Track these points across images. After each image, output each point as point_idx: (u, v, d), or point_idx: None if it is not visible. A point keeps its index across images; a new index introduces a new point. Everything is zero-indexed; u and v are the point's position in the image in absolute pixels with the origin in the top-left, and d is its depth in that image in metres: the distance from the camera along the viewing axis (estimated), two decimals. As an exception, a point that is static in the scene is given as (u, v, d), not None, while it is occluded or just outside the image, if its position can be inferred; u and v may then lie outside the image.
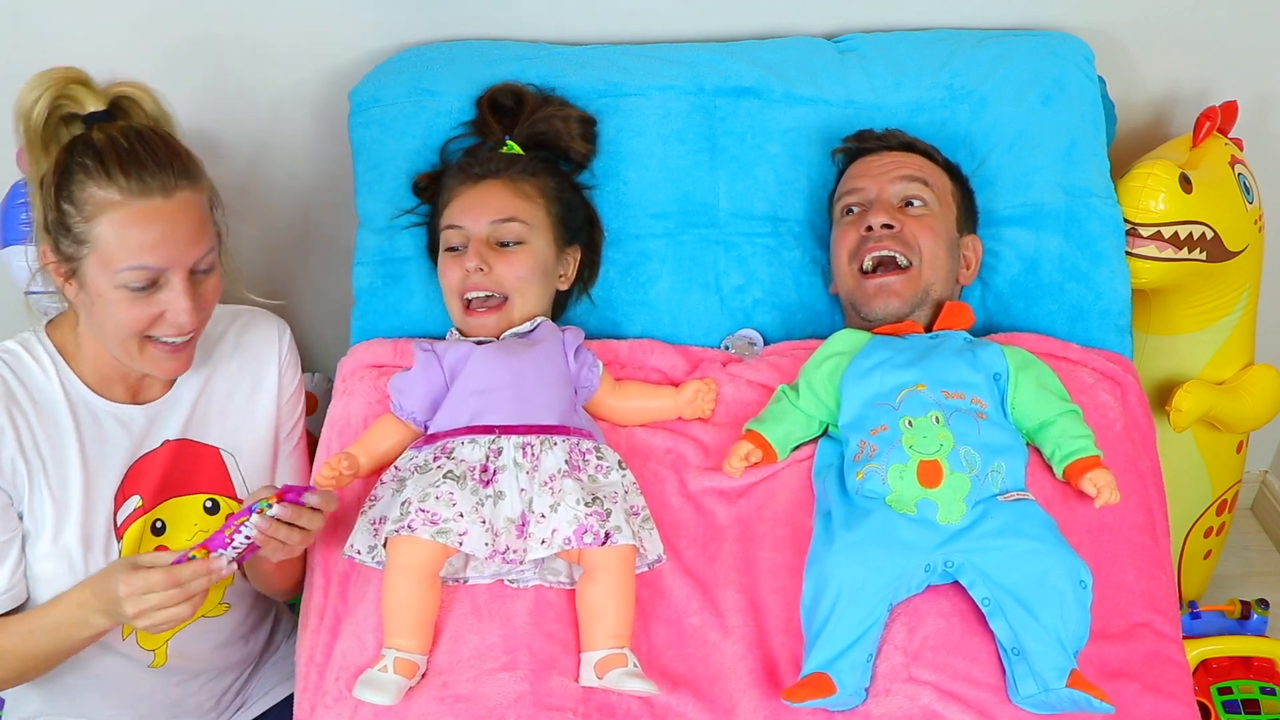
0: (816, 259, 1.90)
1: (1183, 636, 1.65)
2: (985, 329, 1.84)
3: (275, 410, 1.70)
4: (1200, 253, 1.87)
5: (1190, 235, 1.84)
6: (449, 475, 1.45)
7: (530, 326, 1.67)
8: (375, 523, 1.50)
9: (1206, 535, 2.26)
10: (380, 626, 1.44)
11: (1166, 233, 1.83)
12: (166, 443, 1.60)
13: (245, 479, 1.66)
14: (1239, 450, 2.21)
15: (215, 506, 1.64)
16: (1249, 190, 1.96)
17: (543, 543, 1.44)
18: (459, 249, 1.68)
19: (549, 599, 1.48)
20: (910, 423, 1.50)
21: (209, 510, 1.63)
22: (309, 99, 2.01)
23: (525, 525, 1.46)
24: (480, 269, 1.64)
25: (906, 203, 1.75)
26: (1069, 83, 1.89)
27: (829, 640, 1.38)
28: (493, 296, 1.66)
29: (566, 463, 1.50)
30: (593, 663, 1.42)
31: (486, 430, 1.52)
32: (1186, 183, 1.83)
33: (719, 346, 1.85)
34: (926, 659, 1.39)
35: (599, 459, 1.55)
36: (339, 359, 1.81)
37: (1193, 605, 2.16)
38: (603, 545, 1.43)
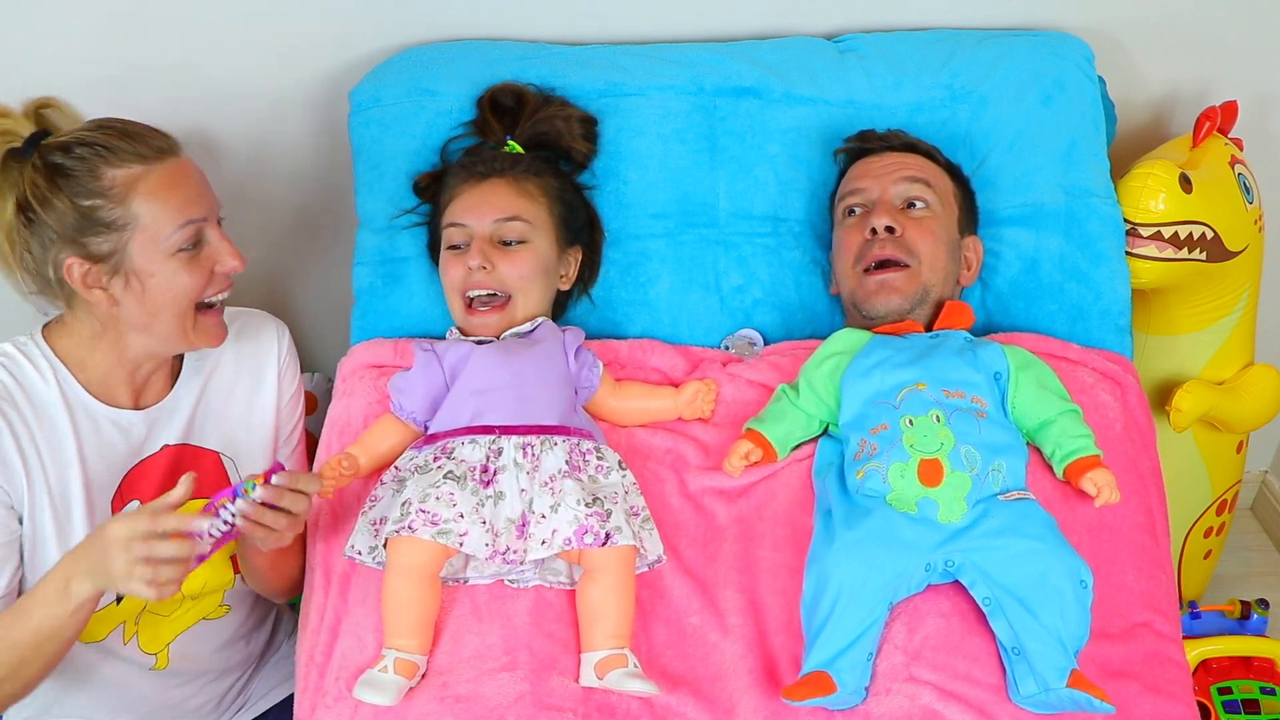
0: (816, 259, 1.90)
1: (1183, 636, 1.65)
2: (985, 329, 1.84)
3: (275, 412, 1.70)
4: (1200, 253, 1.87)
5: (1190, 235, 1.84)
6: (449, 475, 1.45)
7: (531, 327, 1.67)
8: (375, 523, 1.50)
9: (1206, 535, 2.26)
10: (380, 627, 1.44)
11: (1166, 233, 1.83)
12: (166, 448, 1.60)
13: None
14: (1239, 450, 2.21)
15: (215, 510, 1.63)
16: (1249, 190, 1.95)
17: (543, 543, 1.44)
18: (461, 247, 1.68)
19: (549, 599, 1.48)
20: (911, 421, 1.50)
21: (209, 514, 1.63)
22: (309, 99, 2.01)
23: (525, 525, 1.46)
24: (484, 267, 1.64)
25: (909, 204, 1.75)
26: (1069, 83, 1.89)
27: (829, 639, 1.37)
28: (495, 295, 1.66)
29: (567, 463, 1.50)
30: (593, 663, 1.41)
31: (487, 430, 1.52)
32: (1186, 183, 1.83)
33: (719, 346, 1.85)
34: (927, 658, 1.39)
35: (599, 459, 1.55)
36: (339, 359, 1.81)
37: (1193, 605, 2.15)
38: (603, 546, 1.43)
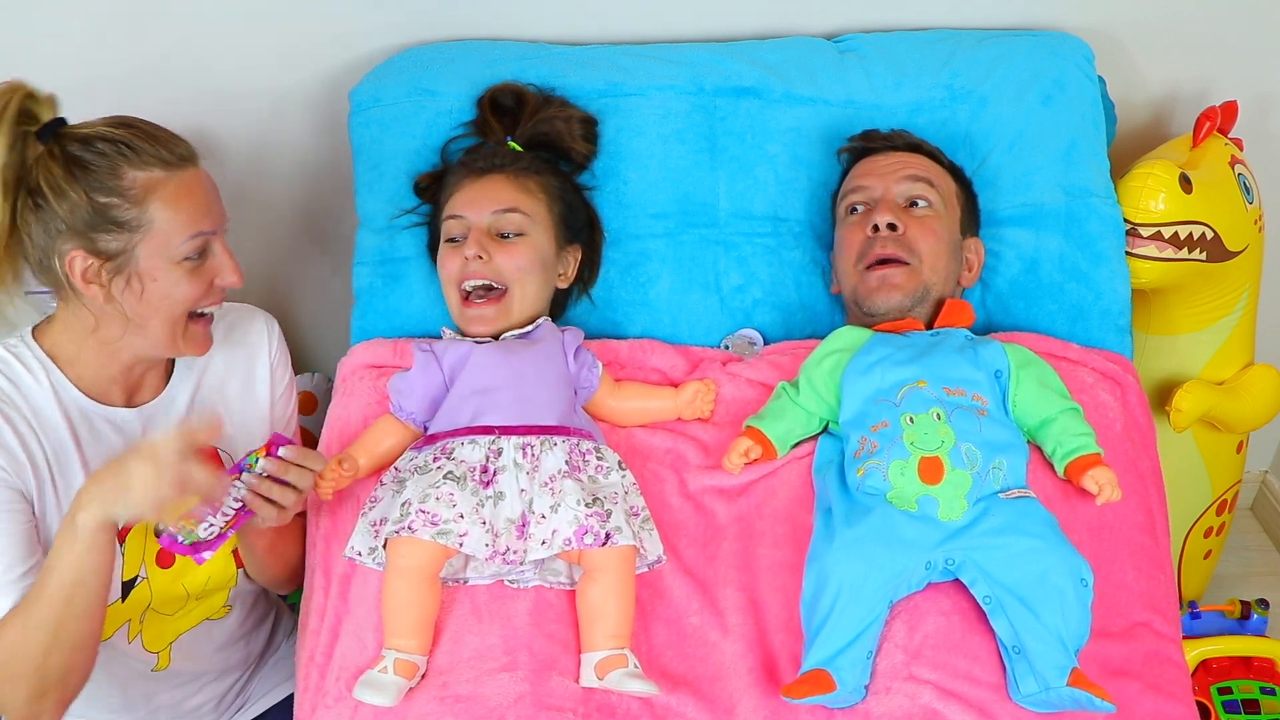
0: (817, 259, 1.89)
1: (1183, 636, 1.65)
2: (985, 329, 1.84)
3: (270, 404, 1.70)
4: (1200, 253, 1.87)
5: (1190, 235, 1.84)
6: (449, 476, 1.45)
7: (530, 327, 1.67)
8: (375, 524, 1.50)
9: (1206, 535, 2.26)
10: (380, 627, 1.44)
11: (1166, 233, 1.83)
12: None
13: None
14: (1239, 450, 2.21)
15: (215, 507, 1.63)
16: (1249, 190, 1.95)
17: (543, 543, 1.44)
18: (459, 239, 1.68)
19: (549, 599, 1.48)
20: (911, 419, 1.50)
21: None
22: (309, 99, 2.01)
23: (525, 526, 1.46)
24: (479, 256, 1.64)
25: (911, 203, 1.75)
26: (1069, 83, 1.89)
27: (829, 637, 1.37)
28: (492, 288, 1.65)
29: (567, 463, 1.50)
30: (593, 663, 1.41)
31: (486, 431, 1.52)
32: (1186, 183, 1.83)
33: (719, 346, 1.85)
34: (927, 657, 1.39)
35: (599, 459, 1.55)
36: (339, 359, 1.81)
37: (1193, 605, 2.15)
38: (603, 546, 1.43)
